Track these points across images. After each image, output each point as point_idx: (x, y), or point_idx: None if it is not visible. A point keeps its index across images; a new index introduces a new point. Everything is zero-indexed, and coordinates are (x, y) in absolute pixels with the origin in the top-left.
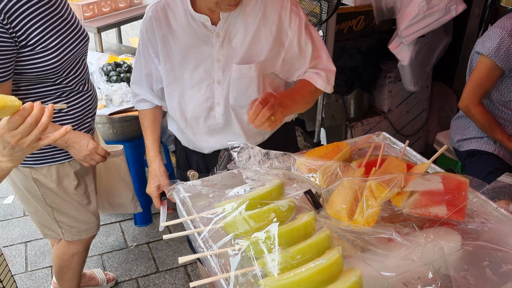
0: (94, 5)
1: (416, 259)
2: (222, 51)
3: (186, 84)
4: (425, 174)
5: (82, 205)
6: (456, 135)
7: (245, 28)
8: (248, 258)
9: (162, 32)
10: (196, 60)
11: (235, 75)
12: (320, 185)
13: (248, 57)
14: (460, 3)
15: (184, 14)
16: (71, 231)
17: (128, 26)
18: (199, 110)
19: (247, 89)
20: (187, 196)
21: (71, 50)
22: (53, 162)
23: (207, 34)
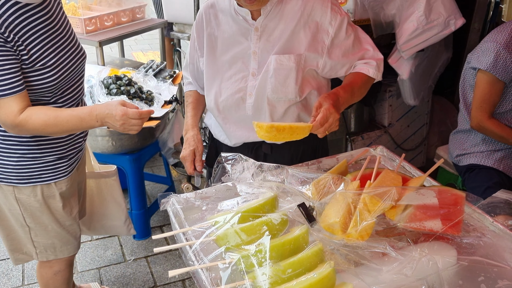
0: (96, 19)
1: (410, 274)
2: (259, 44)
3: (224, 75)
4: (420, 188)
5: (64, 226)
6: (455, 150)
7: (284, 24)
8: (239, 272)
9: (210, 26)
10: (235, 52)
11: (274, 66)
12: (313, 198)
13: (286, 49)
14: (459, 18)
15: (229, 8)
16: (46, 251)
17: (132, 41)
18: (231, 100)
19: (285, 80)
20: (180, 209)
21: (69, 68)
22: (38, 182)
23: (247, 27)
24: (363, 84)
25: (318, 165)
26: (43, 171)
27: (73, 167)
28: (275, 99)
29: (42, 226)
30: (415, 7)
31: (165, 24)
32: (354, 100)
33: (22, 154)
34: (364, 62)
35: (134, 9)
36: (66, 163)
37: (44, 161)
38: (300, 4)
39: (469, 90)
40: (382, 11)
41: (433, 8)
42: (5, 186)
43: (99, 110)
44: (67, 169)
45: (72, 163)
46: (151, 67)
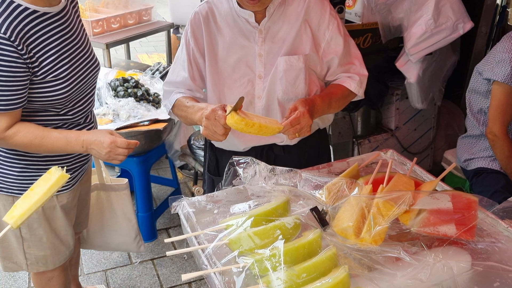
0: (103, 21)
1: (425, 279)
2: (264, 46)
3: (227, 80)
4: (433, 192)
5: (59, 237)
6: (463, 155)
7: (287, 25)
8: (253, 276)
9: (208, 29)
10: (238, 55)
11: (283, 67)
12: (326, 202)
13: (293, 50)
14: (467, 21)
15: (229, 11)
16: (38, 263)
17: (137, 43)
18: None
19: (295, 80)
20: (192, 212)
21: (82, 80)
22: None
23: (250, 30)
24: (342, 97)
25: (328, 168)
26: None
27: (77, 180)
28: (285, 100)
29: (37, 238)
30: (423, 10)
31: (171, 26)
32: (331, 111)
33: (26, 165)
34: (348, 76)
35: (141, 11)
36: (70, 176)
37: None
38: (302, 5)
39: (477, 98)
40: (390, 14)
41: (441, 11)
42: (4, 196)
43: (86, 136)
44: (70, 182)
45: (75, 176)
46: (157, 70)
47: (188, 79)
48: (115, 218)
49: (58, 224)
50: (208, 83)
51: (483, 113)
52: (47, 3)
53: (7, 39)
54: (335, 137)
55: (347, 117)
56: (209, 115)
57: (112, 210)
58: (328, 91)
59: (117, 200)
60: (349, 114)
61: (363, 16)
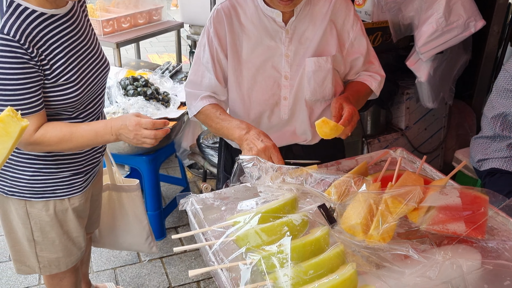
0: (114, 21)
1: (434, 277)
2: (291, 47)
3: (252, 81)
4: (442, 187)
5: (71, 239)
6: (477, 155)
7: (314, 26)
8: (260, 273)
9: (232, 28)
10: (263, 56)
11: (312, 68)
12: (334, 200)
13: (320, 51)
14: (479, 20)
15: (255, 10)
16: (50, 266)
17: (147, 43)
18: (265, 106)
19: (323, 81)
20: (199, 209)
21: (92, 81)
22: (51, 198)
23: (277, 29)
24: (365, 95)
25: (337, 166)
26: (57, 186)
27: (88, 183)
28: (312, 101)
29: (50, 241)
30: (434, 8)
31: (181, 26)
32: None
33: (38, 169)
34: (369, 75)
35: (151, 11)
36: (81, 179)
37: (59, 176)
38: (328, 6)
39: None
40: (400, 13)
41: (452, 9)
42: (16, 200)
43: (114, 123)
44: (81, 185)
45: (87, 179)
46: (167, 69)
47: (214, 80)
48: (126, 218)
49: (70, 227)
50: (231, 84)
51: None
52: (54, 5)
53: (16, 41)
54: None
55: None
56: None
57: (123, 211)
58: (354, 88)
59: (128, 201)
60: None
61: (373, 14)
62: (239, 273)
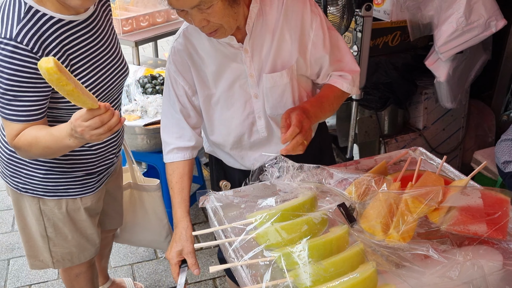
0: (132, 19)
1: (455, 277)
2: (253, 65)
3: (224, 105)
4: (463, 187)
5: (84, 235)
6: (503, 156)
7: (269, 35)
8: (280, 270)
9: (193, 61)
10: (229, 79)
11: (268, 85)
12: (354, 198)
13: (278, 64)
14: (500, 19)
15: (207, 39)
16: (64, 260)
17: (164, 41)
18: (242, 128)
19: (282, 97)
20: (219, 206)
21: (108, 87)
22: (63, 196)
23: (235, 52)
24: (335, 99)
25: (356, 165)
26: (70, 185)
27: (102, 183)
28: (276, 115)
29: (63, 236)
30: (454, 8)
31: None
32: (326, 114)
33: (51, 168)
34: (339, 75)
35: (169, 10)
36: (94, 179)
37: (72, 176)
38: (281, 11)
39: None
40: (419, 12)
41: (473, 9)
42: (30, 197)
43: (66, 125)
44: (94, 185)
45: (100, 179)
46: None
47: (182, 121)
48: (147, 217)
49: (84, 225)
50: (206, 113)
51: None
52: (73, 11)
53: (29, 51)
54: (361, 136)
55: (374, 116)
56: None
57: (144, 209)
58: (318, 94)
59: (149, 200)
60: (376, 113)
61: (392, 13)
62: (259, 270)
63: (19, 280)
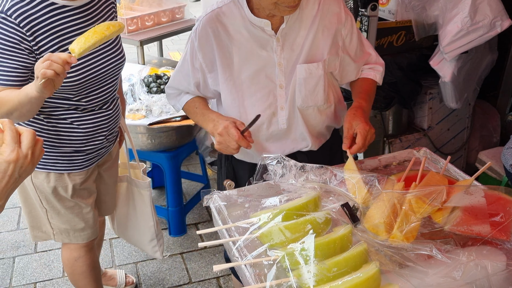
0: (138, 19)
1: (458, 277)
2: (283, 55)
3: (246, 92)
4: (467, 187)
5: (76, 214)
6: (509, 159)
7: (304, 30)
8: (283, 269)
9: (220, 41)
10: (256, 66)
11: (302, 75)
12: (358, 199)
13: (311, 57)
14: (506, 19)
15: (242, 21)
16: (62, 234)
17: (169, 41)
18: (262, 117)
19: (315, 88)
20: (223, 205)
21: (97, 71)
22: (52, 170)
23: (267, 39)
24: (374, 90)
25: (360, 165)
26: (58, 160)
27: (91, 163)
28: (304, 108)
29: (56, 210)
30: (459, 8)
31: None
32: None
33: (44, 146)
34: (370, 68)
35: (174, 9)
36: (83, 157)
37: (61, 151)
38: (317, 8)
39: None
40: (424, 12)
41: (478, 9)
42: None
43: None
44: (82, 163)
45: (89, 159)
46: None
47: (194, 91)
48: (134, 214)
49: (72, 201)
50: (225, 97)
51: None
52: None
53: (17, 24)
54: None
55: (378, 116)
56: (222, 132)
57: (134, 205)
58: (362, 88)
59: (138, 197)
60: (380, 113)
61: (397, 13)
62: (263, 269)
63: (24, 278)
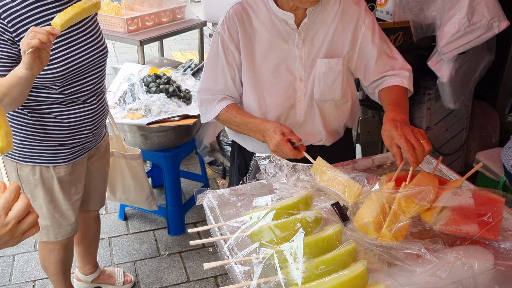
0: (138, 19)
1: (444, 276)
2: (304, 49)
3: (267, 84)
4: (455, 187)
5: (58, 209)
6: (510, 160)
7: (325, 26)
8: (272, 267)
9: (245, 32)
10: (277, 59)
11: (322, 69)
12: (349, 198)
13: (331, 52)
14: (503, 20)
15: (266, 12)
16: (41, 232)
17: (171, 41)
18: (281, 109)
19: (333, 83)
20: (216, 204)
21: (79, 62)
22: (37, 163)
23: (289, 32)
24: (405, 96)
25: (353, 165)
26: (43, 153)
27: (76, 156)
28: (321, 101)
29: (38, 206)
30: (457, 9)
31: (204, 24)
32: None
33: (26, 135)
34: (394, 74)
35: (175, 9)
36: (67, 150)
37: (46, 144)
38: (338, 5)
39: None
40: (422, 12)
41: (476, 10)
42: (9, 161)
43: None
44: (67, 156)
45: (74, 152)
46: (189, 67)
47: (231, 87)
48: (129, 180)
49: (58, 197)
50: (246, 88)
51: None
52: None
53: None
54: (364, 136)
55: (376, 116)
56: (275, 149)
57: (127, 174)
58: (393, 98)
59: (131, 167)
60: (379, 113)
61: (394, 14)
62: (253, 267)
63: (23, 275)
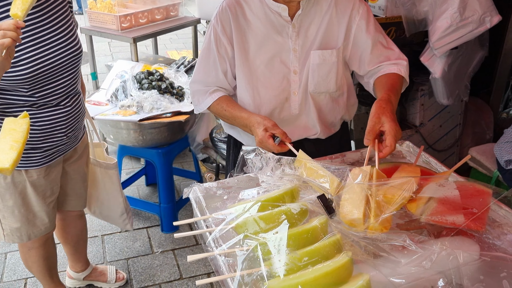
0: (131, 16)
1: (428, 266)
2: (298, 41)
3: (261, 77)
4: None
5: (31, 212)
6: (504, 155)
7: (319, 17)
8: (256, 259)
9: (238, 25)
10: (271, 51)
11: (316, 61)
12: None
13: (325, 44)
14: (495, 15)
15: (260, 5)
16: (13, 235)
17: (167, 40)
18: (275, 102)
19: (327, 75)
20: (201, 197)
21: (50, 64)
22: None
23: (283, 24)
24: (401, 85)
25: (342, 158)
26: None
27: (50, 159)
28: (316, 93)
29: (9, 210)
30: (448, 3)
31: (198, 22)
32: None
33: None
34: (393, 63)
35: (168, 7)
36: (40, 154)
37: None
38: None
39: None
40: (414, 8)
41: (467, 4)
42: None
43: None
44: (40, 160)
45: (48, 155)
46: (182, 64)
47: (223, 79)
48: (103, 192)
49: (31, 200)
50: (240, 81)
51: None
52: None
53: None
54: (358, 132)
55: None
56: (259, 145)
57: (102, 185)
58: (389, 83)
59: (107, 177)
60: None
61: (386, 9)
62: (237, 259)
63: (15, 273)
